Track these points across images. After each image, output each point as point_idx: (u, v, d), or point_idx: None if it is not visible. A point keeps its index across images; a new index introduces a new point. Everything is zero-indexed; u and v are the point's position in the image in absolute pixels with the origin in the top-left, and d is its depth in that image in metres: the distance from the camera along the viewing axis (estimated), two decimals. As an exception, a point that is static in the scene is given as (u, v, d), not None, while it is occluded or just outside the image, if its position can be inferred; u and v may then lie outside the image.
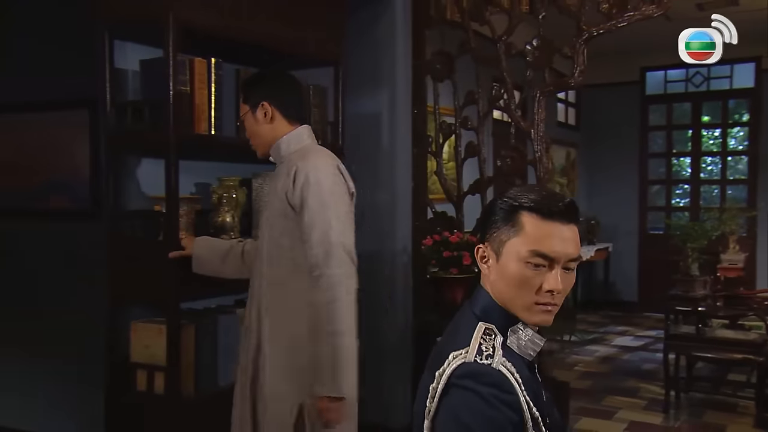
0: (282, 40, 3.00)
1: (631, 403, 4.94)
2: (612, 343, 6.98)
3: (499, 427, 1.28)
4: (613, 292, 8.68)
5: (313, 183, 2.17)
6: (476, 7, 3.83)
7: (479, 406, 1.29)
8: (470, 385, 1.31)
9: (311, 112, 3.17)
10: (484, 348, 1.36)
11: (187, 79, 2.60)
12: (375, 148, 4.03)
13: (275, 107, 2.32)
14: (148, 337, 2.63)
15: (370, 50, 4.03)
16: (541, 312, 1.38)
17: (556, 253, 1.35)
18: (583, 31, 3.49)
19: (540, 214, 1.37)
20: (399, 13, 3.97)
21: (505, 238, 1.39)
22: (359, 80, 4.06)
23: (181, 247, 2.53)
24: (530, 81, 3.71)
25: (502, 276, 1.40)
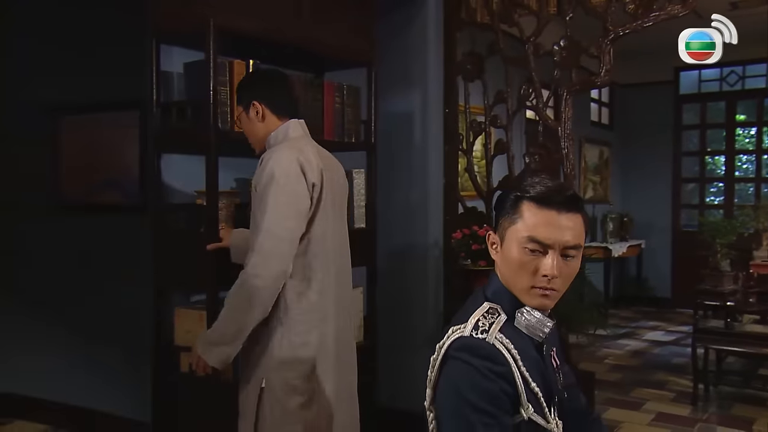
0: (318, 44, 3.08)
1: (660, 395, 4.91)
2: (643, 338, 6.92)
3: (493, 397, 1.34)
4: (646, 288, 8.57)
5: (267, 173, 2.19)
6: (505, 10, 3.86)
7: (474, 377, 1.35)
8: (465, 357, 1.37)
9: (343, 110, 3.24)
10: (481, 324, 1.41)
11: (227, 80, 2.67)
12: (408, 146, 4.09)
13: (265, 105, 2.35)
14: (189, 322, 2.71)
15: (403, 52, 4.09)
16: (538, 296, 1.43)
17: (549, 239, 1.40)
18: (609, 31, 3.48)
19: (538, 202, 1.42)
20: (431, 17, 4.02)
21: (508, 224, 1.45)
22: (393, 81, 4.13)
23: (219, 238, 2.59)
24: (558, 80, 3.72)
25: (504, 260, 1.47)
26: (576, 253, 1.44)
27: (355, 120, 3.33)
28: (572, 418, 1.66)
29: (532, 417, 1.39)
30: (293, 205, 2.18)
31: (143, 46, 2.93)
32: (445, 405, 1.41)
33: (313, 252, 2.26)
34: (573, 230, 1.42)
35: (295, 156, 2.22)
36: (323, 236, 2.29)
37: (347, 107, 3.25)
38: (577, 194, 1.47)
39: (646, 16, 3.44)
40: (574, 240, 1.42)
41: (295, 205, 2.18)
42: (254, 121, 2.37)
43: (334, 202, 2.39)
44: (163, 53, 2.88)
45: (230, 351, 2.20)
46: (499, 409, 1.35)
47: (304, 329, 2.23)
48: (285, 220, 2.16)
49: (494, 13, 3.89)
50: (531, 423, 1.40)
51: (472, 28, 4.03)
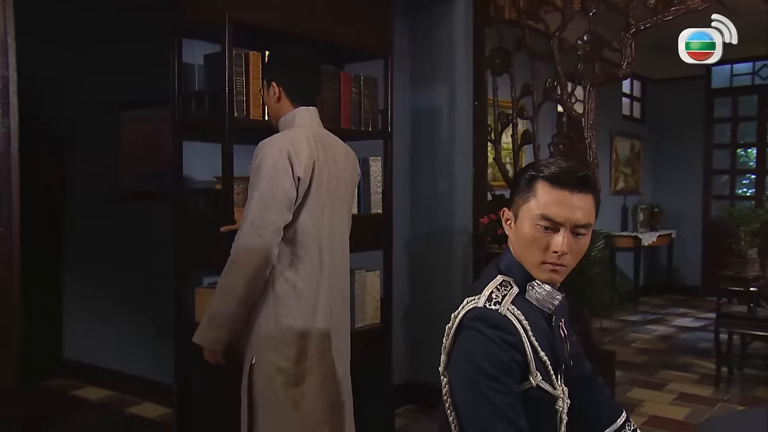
0: (336, 36, 3.08)
1: (683, 377, 4.89)
2: (671, 323, 6.86)
3: (504, 365, 1.38)
4: (676, 276, 8.48)
5: (257, 162, 2.17)
6: (532, 7, 3.89)
7: (487, 345, 1.38)
8: (479, 326, 1.40)
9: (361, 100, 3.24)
10: (494, 296, 1.44)
11: (243, 71, 2.70)
12: (439, 137, 4.17)
13: (283, 89, 2.31)
14: (208, 301, 2.65)
15: (435, 48, 4.17)
16: (548, 270, 1.45)
17: (561, 217, 1.41)
18: (631, 25, 3.50)
19: (551, 182, 1.43)
20: (461, 14, 4.08)
21: (522, 202, 1.47)
22: (425, 75, 4.22)
23: (234, 221, 2.58)
24: (581, 73, 3.74)
25: (517, 236, 1.49)
26: (586, 232, 1.45)
27: (372, 110, 3.31)
28: (578, 384, 1.72)
29: (540, 384, 1.43)
30: (277, 197, 2.12)
31: (167, 40, 2.95)
32: (459, 371, 1.44)
33: (301, 241, 2.21)
34: (584, 209, 1.43)
35: (285, 147, 2.15)
36: (313, 225, 2.23)
37: (365, 98, 3.24)
38: (589, 175, 1.47)
39: (666, 11, 3.44)
40: (585, 219, 1.43)
41: (279, 197, 2.12)
42: (271, 99, 2.35)
43: (333, 192, 2.31)
44: (185, 47, 2.92)
45: (220, 334, 2.16)
46: (509, 376, 1.38)
47: (290, 314, 2.20)
48: (267, 211, 2.11)
49: (521, 10, 3.93)
50: (539, 389, 1.43)
51: (500, 25, 4.08)
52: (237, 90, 2.67)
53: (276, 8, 2.80)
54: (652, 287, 8.47)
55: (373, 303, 3.24)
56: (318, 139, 2.28)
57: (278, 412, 2.19)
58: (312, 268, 2.23)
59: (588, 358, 1.81)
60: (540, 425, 1.49)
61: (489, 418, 1.37)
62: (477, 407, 1.39)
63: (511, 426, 1.36)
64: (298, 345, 2.20)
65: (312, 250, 2.23)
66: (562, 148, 3.82)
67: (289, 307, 2.20)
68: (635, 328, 6.63)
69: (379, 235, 3.27)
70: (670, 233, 8.23)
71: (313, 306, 2.24)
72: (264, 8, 2.74)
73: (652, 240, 7.71)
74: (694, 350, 5.69)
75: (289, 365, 2.20)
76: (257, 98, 2.75)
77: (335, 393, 2.34)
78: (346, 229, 2.41)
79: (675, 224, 8.40)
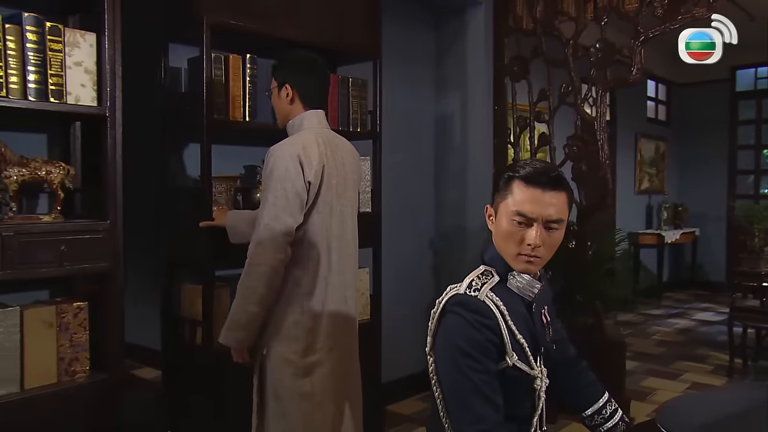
0: (322, 39, 2.93)
1: (698, 368, 4.83)
2: (693, 317, 6.75)
3: (480, 345, 1.43)
4: (701, 273, 8.31)
5: (269, 167, 2.14)
6: (547, 17, 3.91)
7: (466, 328, 1.44)
8: (459, 311, 1.46)
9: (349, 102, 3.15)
10: (474, 283, 1.50)
11: (222, 73, 2.63)
12: (461, 140, 4.21)
13: (296, 91, 2.28)
14: (193, 296, 2.71)
15: (458, 56, 4.22)
16: (524, 262, 1.50)
17: (534, 214, 1.46)
18: (640, 33, 3.49)
19: (526, 181, 1.48)
20: (481, 25, 4.12)
21: (501, 199, 1.52)
22: (449, 81, 4.28)
23: (212, 218, 2.54)
24: (594, 78, 3.73)
25: (497, 230, 1.54)
26: (558, 226, 1.49)
27: (361, 110, 3.20)
28: (562, 367, 1.78)
29: (516, 364, 1.47)
30: (290, 199, 2.11)
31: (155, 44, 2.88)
32: (441, 351, 1.49)
33: (310, 241, 2.20)
34: (556, 206, 1.47)
35: (296, 152, 2.14)
36: (322, 226, 2.22)
37: (353, 98, 3.14)
38: (561, 175, 1.51)
39: (673, 19, 3.42)
40: (557, 215, 1.48)
41: (291, 200, 2.11)
42: (283, 101, 2.30)
43: (341, 193, 2.29)
44: (172, 51, 2.83)
45: (244, 335, 2.16)
46: (485, 356, 1.43)
47: (298, 310, 2.19)
48: (282, 213, 2.10)
49: (537, 20, 3.95)
50: (515, 369, 1.47)
51: (518, 33, 4.10)
52: (216, 92, 2.60)
53: (258, 12, 2.68)
54: (677, 283, 8.32)
55: (362, 300, 3.15)
56: (327, 142, 2.26)
57: (287, 401, 2.20)
58: (320, 266, 2.22)
59: (574, 343, 1.85)
60: (519, 402, 1.53)
61: (467, 394, 1.42)
62: (456, 384, 1.44)
63: (486, 401, 1.41)
64: (306, 339, 2.20)
65: (321, 250, 2.22)
66: (576, 149, 3.82)
67: (297, 303, 2.19)
68: (657, 321, 6.54)
69: (368, 233, 3.10)
70: (693, 231, 8.07)
71: (322, 302, 2.22)
72: (238, 12, 2.63)
73: (675, 237, 7.57)
74: (711, 343, 5.60)
75: (297, 358, 2.19)
76: (237, 100, 2.69)
77: (344, 384, 2.33)
78: (354, 228, 2.40)
79: (700, 222, 8.24)
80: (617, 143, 7.24)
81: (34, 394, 2.08)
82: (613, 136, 7.18)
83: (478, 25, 4.13)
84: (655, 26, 3.46)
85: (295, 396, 2.20)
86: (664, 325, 6.37)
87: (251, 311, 2.13)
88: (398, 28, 4.06)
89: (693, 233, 8.07)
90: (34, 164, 2.15)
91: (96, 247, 2.19)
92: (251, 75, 2.73)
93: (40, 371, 2.12)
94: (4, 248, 1.98)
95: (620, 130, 7.29)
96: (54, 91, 2.11)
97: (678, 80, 8.20)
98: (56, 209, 2.20)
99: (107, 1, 2.20)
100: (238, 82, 2.69)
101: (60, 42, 2.13)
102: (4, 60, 2.01)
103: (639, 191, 7.74)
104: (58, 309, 2.17)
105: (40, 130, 2.42)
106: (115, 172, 2.24)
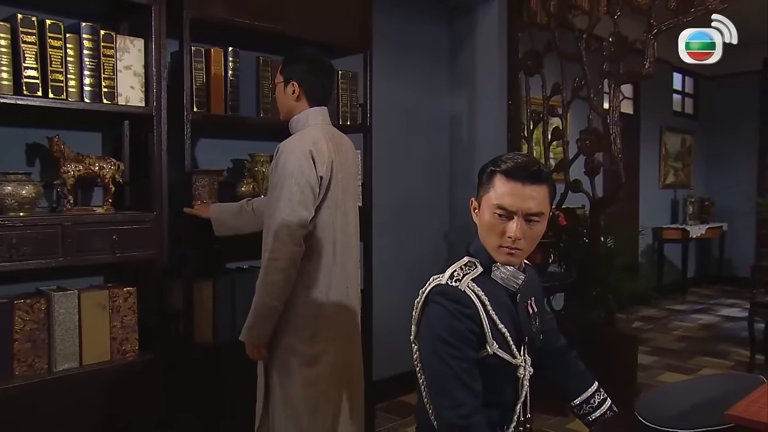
0: (311, 32, 2.90)
1: (718, 364, 4.78)
2: (718, 313, 6.65)
3: (460, 334, 1.47)
4: (729, 268, 8.17)
5: (281, 163, 2.17)
6: (561, 11, 3.90)
7: (446, 317, 1.48)
8: (440, 300, 1.49)
9: (339, 94, 3.15)
10: (456, 274, 1.53)
11: (203, 66, 2.65)
12: (476, 134, 4.23)
13: (302, 88, 2.31)
14: (177, 291, 2.68)
15: (473, 51, 4.24)
16: (505, 253, 1.53)
17: (514, 207, 1.49)
18: (653, 26, 3.46)
19: (506, 175, 1.50)
20: (495, 20, 4.13)
21: (483, 193, 1.55)
22: (464, 76, 4.30)
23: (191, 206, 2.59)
24: (607, 73, 3.71)
25: (480, 223, 1.57)
26: (539, 219, 1.51)
27: (351, 103, 3.21)
28: (551, 356, 1.80)
29: (497, 352, 1.51)
30: (305, 194, 2.15)
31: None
32: (424, 339, 1.54)
33: (319, 235, 2.24)
34: (536, 199, 1.50)
35: (308, 148, 2.18)
36: (329, 220, 2.26)
37: (342, 91, 3.16)
38: (542, 169, 1.53)
39: (686, 12, 3.39)
40: (537, 208, 1.50)
41: (306, 194, 2.15)
42: (288, 97, 2.32)
43: (345, 187, 2.34)
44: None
45: (268, 330, 2.20)
46: (465, 344, 1.47)
47: (304, 301, 2.23)
48: (298, 207, 2.14)
49: (551, 15, 3.94)
50: (495, 357, 1.51)
51: (532, 28, 4.09)
52: (197, 86, 2.61)
53: (233, 7, 2.66)
54: (704, 278, 8.21)
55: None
56: (332, 138, 2.31)
57: (293, 388, 2.26)
58: (325, 258, 2.26)
59: (563, 333, 1.87)
60: (502, 390, 1.58)
61: (446, 380, 1.46)
62: (437, 370, 1.49)
63: (465, 387, 1.45)
64: (312, 329, 2.25)
65: (327, 243, 2.26)
66: (589, 143, 3.80)
67: (304, 294, 2.23)
68: (680, 316, 6.46)
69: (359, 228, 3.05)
70: (721, 226, 7.93)
71: (326, 293, 2.27)
72: (219, 6, 2.62)
73: (701, 232, 7.46)
74: (734, 339, 5.52)
75: (304, 347, 2.24)
76: (218, 93, 2.71)
77: (347, 373, 2.37)
78: (356, 221, 2.44)
79: (728, 217, 8.09)
80: (640, 137, 7.15)
81: (90, 370, 2.29)
82: (636, 130, 7.10)
83: (491, 20, 4.14)
84: (668, 19, 3.44)
85: (300, 384, 2.25)
86: (687, 321, 6.30)
87: (273, 306, 2.16)
88: (412, 24, 4.10)
89: (720, 228, 7.93)
90: (88, 160, 2.34)
91: (143, 237, 2.39)
92: (233, 68, 2.75)
93: (96, 349, 2.32)
94: (64, 237, 2.18)
95: (644, 124, 7.20)
96: (107, 93, 2.31)
97: (706, 72, 8.05)
98: (108, 201, 2.38)
99: (153, 10, 2.38)
100: (220, 76, 2.71)
101: (112, 48, 2.32)
102: (64, 66, 2.20)
103: (664, 186, 7.63)
104: (110, 293, 2.37)
105: (94, 129, 2.59)
106: (161, 167, 2.42)
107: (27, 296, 2.23)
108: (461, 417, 1.44)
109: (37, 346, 2.18)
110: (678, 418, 1.35)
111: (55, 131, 2.30)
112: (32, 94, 2.12)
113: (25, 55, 2.10)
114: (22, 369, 2.15)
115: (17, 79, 2.09)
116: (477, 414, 1.46)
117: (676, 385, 2.24)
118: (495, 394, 1.54)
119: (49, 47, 2.15)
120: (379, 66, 3.62)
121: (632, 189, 6.97)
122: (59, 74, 2.17)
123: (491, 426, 1.53)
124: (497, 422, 1.58)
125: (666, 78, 7.54)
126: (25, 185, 2.12)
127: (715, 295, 7.61)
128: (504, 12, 4.14)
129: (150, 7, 2.37)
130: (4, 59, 2.06)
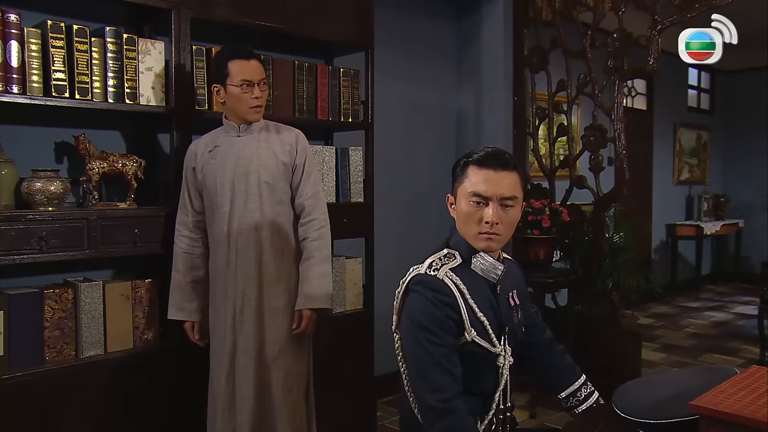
0: (312, 29, 3.10)
1: (727, 361, 4.93)
2: (732, 311, 6.84)
3: (439, 321, 1.59)
4: (746, 265, 8.34)
5: (306, 149, 2.57)
6: (566, 8, 4.10)
7: (425, 305, 1.61)
8: (419, 289, 1.63)
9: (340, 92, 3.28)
10: (434, 264, 1.67)
11: (204, 65, 2.75)
12: (482, 130, 4.44)
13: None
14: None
15: (479, 48, 4.45)
16: (484, 240, 1.67)
17: (488, 192, 1.65)
18: (657, 23, 3.65)
19: (479, 164, 1.67)
20: (501, 17, 4.34)
21: (458, 185, 1.72)
22: (470, 73, 4.50)
23: None
24: (611, 69, 3.90)
25: (458, 214, 1.72)
26: (513, 203, 1.66)
27: (353, 101, 3.34)
28: (536, 349, 1.96)
29: (475, 339, 1.63)
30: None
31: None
32: (405, 327, 1.66)
33: None
34: (509, 185, 1.65)
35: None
36: None
37: (344, 89, 3.29)
38: (512, 157, 1.70)
39: (691, 8, 3.57)
40: (509, 192, 1.65)
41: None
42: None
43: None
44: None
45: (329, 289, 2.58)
46: (444, 330, 1.58)
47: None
48: (320, 183, 2.63)
49: (556, 11, 4.15)
50: (474, 344, 1.63)
51: (537, 25, 4.30)
52: (198, 84, 2.75)
53: (244, 3, 2.83)
54: (720, 275, 8.38)
55: (355, 289, 3.32)
56: None
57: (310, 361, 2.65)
58: None
59: (549, 327, 2.02)
60: (483, 378, 1.71)
61: (426, 365, 1.58)
62: (418, 357, 1.60)
63: (444, 371, 1.57)
64: None
65: None
66: (593, 139, 4.00)
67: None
68: (692, 314, 6.65)
69: (361, 223, 3.32)
70: (737, 222, 8.10)
71: None
72: (229, 4, 2.80)
73: (715, 229, 7.63)
74: (746, 336, 5.69)
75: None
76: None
77: None
78: None
79: (745, 214, 8.25)
80: (654, 133, 7.33)
81: (115, 356, 2.53)
82: (649, 126, 7.28)
83: (497, 17, 4.35)
84: (673, 15, 3.62)
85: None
86: (700, 318, 6.49)
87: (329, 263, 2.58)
88: (418, 21, 4.32)
89: (736, 225, 8.10)
90: (112, 158, 2.58)
91: (163, 231, 2.61)
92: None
93: (119, 337, 2.56)
94: (89, 230, 2.42)
95: (657, 120, 7.38)
96: (129, 93, 2.55)
97: (723, 67, 8.21)
98: (130, 197, 2.61)
99: (173, 15, 2.62)
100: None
101: (134, 50, 2.58)
102: (89, 68, 2.44)
103: (678, 182, 7.81)
104: (133, 284, 2.61)
105: (116, 128, 2.83)
106: (178, 164, 2.62)
107: (56, 286, 2.47)
108: (441, 401, 1.55)
109: (65, 334, 2.43)
110: (651, 409, 1.48)
111: (81, 130, 2.55)
112: (60, 95, 2.37)
113: (54, 58, 2.35)
114: (52, 355, 2.40)
115: (47, 81, 2.35)
116: (457, 398, 1.56)
117: (654, 378, 2.38)
118: (476, 382, 1.67)
119: (76, 51, 2.40)
120: (385, 63, 3.84)
121: (645, 185, 7.15)
122: (85, 76, 2.42)
123: (472, 414, 1.63)
124: (478, 410, 1.70)
125: (681, 73, 7.71)
126: (53, 181, 2.36)
127: (730, 292, 7.79)
128: (510, 8, 4.35)
129: (170, 11, 2.61)
130: (35, 63, 2.31)
